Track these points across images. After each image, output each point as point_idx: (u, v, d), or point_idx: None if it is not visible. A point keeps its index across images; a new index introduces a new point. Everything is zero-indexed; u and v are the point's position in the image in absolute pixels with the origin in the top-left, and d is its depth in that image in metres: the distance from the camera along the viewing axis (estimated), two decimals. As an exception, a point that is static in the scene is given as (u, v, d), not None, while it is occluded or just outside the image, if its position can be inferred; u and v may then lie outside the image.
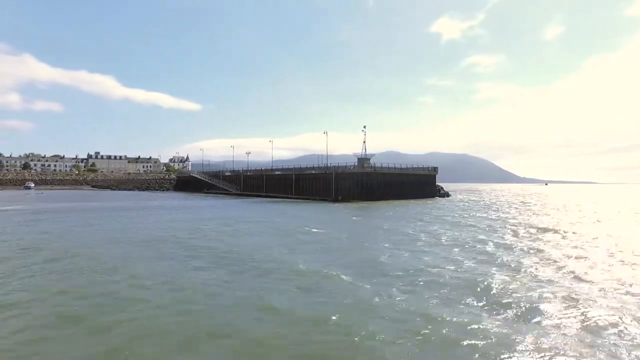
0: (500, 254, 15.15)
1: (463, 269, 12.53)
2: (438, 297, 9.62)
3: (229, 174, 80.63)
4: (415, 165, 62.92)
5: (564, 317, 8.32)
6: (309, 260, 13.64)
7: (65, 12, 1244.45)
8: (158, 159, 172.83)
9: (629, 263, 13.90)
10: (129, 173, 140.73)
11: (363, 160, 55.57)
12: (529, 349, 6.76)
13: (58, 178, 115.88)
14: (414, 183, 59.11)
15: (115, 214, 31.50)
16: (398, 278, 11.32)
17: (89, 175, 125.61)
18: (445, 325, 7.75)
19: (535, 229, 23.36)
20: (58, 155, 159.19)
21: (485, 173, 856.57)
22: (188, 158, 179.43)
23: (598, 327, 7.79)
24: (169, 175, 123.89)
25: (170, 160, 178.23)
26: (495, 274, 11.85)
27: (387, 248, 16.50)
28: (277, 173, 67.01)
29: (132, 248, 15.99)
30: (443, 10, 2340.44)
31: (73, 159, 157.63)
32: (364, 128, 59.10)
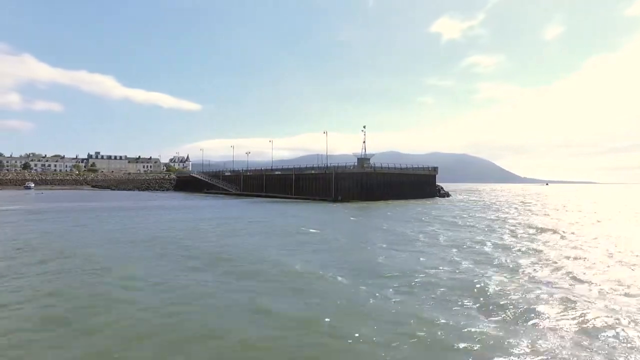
0: (498, 255, 15.01)
1: (460, 270, 12.39)
2: (434, 298, 9.50)
3: (229, 174, 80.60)
4: (416, 165, 62.80)
5: (562, 319, 8.20)
6: (305, 261, 13.53)
7: (65, 12, 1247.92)
8: (158, 159, 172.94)
9: (629, 264, 13.75)
10: (129, 173, 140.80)
11: (363, 160, 55.41)
12: (525, 352, 6.64)
13: (58, 178, 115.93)
14: (414, 183, 58.97)
15: (115, 214, 31.41)
16: (394, 279, 11.19)
17: (89, 175, 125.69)
18: (441, 328, 7.63)
19: (535, 229, 23.21)
20: (58, 156, 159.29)
21: (486, 173, 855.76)
22: (188, 158, 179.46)
23: (596, 329, 7.67)
24: (169, 175, 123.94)
25: (171, 160, 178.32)
26: (493, 276, 11.71)
27: (384, 249, 16.38)
28: (277, 173, 66.94)
29: (128, 248, 15.89)
30: (443, 10, 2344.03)
31: (73, 159, 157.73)
32: (364, 128, 59.02)
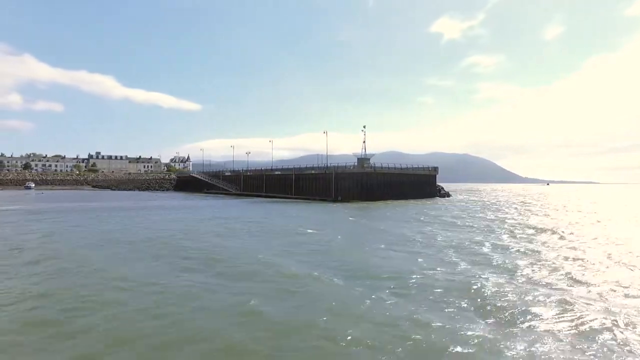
0: (497, 256, 14.87)
1: (457, 271, 12.26)
2: (430, 300, 9.37)
3: (229, 174, 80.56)
4: (416, 165, 62.65)
5: (559, 321, 8.06)
6: (301, 262, 13.42)
7: (65, 12, 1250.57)
8: (159, 159, 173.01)
9: (628, 265, 13.60)
10: (130, 173, 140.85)
11: (363, 160, 55.27)
12: (522, 356, 6.52)
13: (59, 178, 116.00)
14: (414, 183, 58.82)
15: (115, 214, 31.34)
16: (390, 280, 11.05)
17: (90, 176, 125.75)
18: (436, 330, 7.51)
19: (534, 230, 23.06)
20: (59, 156, 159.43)
21: (487, 173, 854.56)
22: (189, 158, 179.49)
23: (594, 331, 7.53)
24: (170, 176, 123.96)
25: (171, 160, 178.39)
26: (490, 277, 11.57)
27: (381, 249, 16.27)
28: (277, 173, 66.84)
29: (124, 249, 15.79)
30: (443, 10, 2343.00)
31: (74, 159, 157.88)
32: (364, 128, 58.87)
